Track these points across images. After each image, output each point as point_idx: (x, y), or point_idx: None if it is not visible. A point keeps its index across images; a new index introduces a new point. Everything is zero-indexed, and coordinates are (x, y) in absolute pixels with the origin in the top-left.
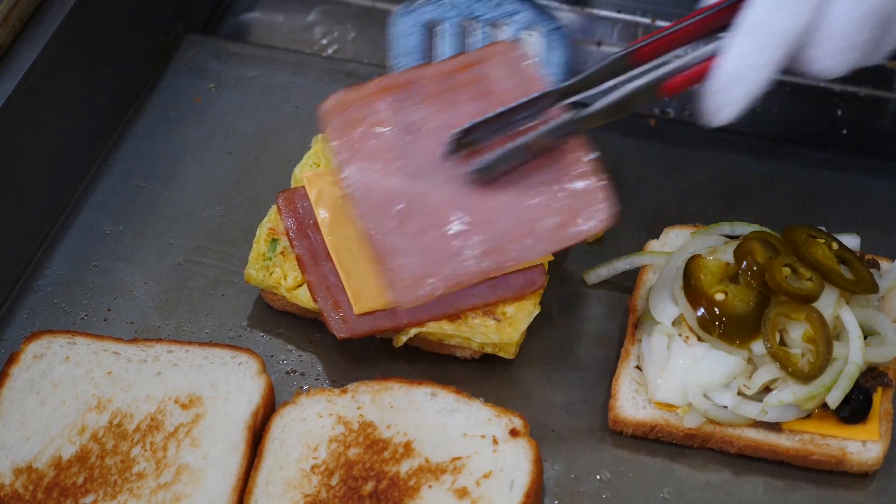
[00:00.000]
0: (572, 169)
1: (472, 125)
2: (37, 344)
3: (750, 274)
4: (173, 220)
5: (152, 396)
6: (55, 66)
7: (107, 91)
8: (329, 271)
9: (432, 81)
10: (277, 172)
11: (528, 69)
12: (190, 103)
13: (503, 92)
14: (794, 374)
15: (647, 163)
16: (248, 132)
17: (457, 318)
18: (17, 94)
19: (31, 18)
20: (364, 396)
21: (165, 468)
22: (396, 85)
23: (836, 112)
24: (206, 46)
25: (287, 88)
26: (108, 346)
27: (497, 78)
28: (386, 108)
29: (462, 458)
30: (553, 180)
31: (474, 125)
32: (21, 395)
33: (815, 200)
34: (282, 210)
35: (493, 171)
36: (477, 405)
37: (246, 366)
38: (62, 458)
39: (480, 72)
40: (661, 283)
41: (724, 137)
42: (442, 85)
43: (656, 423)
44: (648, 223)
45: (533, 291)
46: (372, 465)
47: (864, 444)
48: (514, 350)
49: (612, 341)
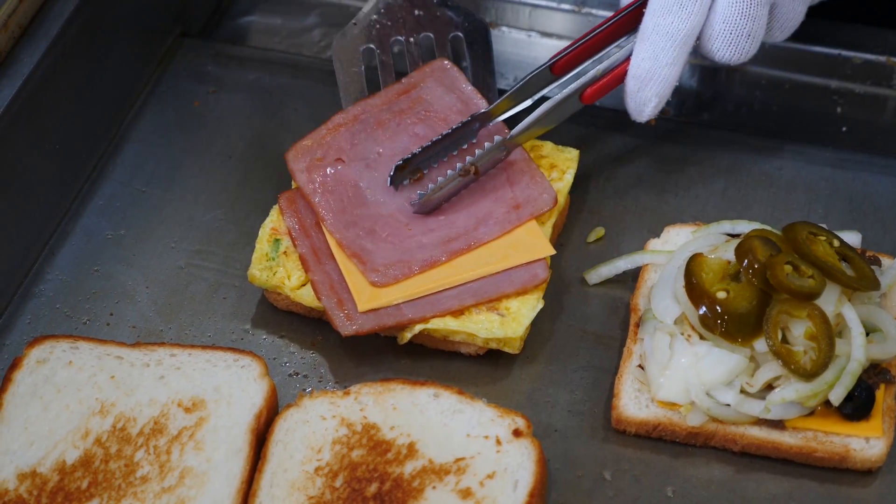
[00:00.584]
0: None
1: (412, 155)
2: (40, 349)
3: (751, 272)
4: (174, 224)
5: (156, 400)
6: (55, 71)
7: (106, 96)
8: (332, 270)
9: (379, 110)
10: (277, 175)
11: (460, 83)
12: (189, 107)
13: (443, 111)
14: (797, 371)
15: (648, 162)
16: (247, 135)
17: (461, 314)
18: (18, 99)
19: (31, 24)
20: (367, 398)
21: (169, 472)
22: (349, 120)
23: (836, 109)
24: (204, 50)
25: (286, 91)
26: (111, 351)
27: (434, 98)
28: (343, 143)
29: (466, 459)
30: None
31: (414, 155)
32: (25, 399)
33: (815, 198)
34: (283, 210)
35: (434, 202)
36: (480, 406)
37: (249, 369)
38: (66, 463)
39: (418, 94)
40: (662, 282)
41: (723, 136)
42: (388, 113)
43: (659, 422)
44: (649, 222)
45: (536, 286)
46: (376, 466)
47: (867, 440)
48: (519, 345)
49: (613, 340)
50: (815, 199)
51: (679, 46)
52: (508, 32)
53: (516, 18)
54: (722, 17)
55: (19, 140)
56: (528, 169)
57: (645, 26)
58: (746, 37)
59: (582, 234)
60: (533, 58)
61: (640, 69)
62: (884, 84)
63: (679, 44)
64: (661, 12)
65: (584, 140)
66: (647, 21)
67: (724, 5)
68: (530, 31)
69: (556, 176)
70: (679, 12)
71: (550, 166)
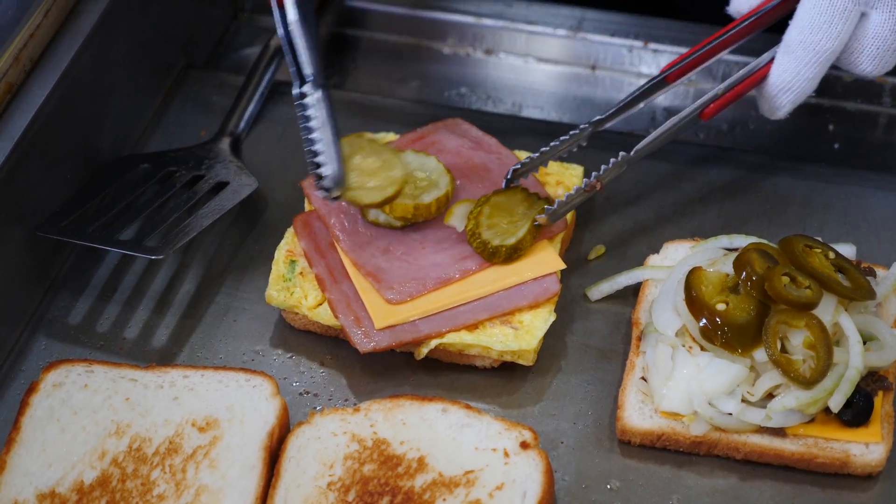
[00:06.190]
0: None
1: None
2: (55, 373)
3: (750, 284)
4: (184, 248)
5: (170, 421)
6: (65, 103)
7: (115, 126)
8: (348, 289)
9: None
10: (285, 200)
11: (472, 131)
12: (195, 137)
13: (455, 147)
14: (796, 379)
15: (646, 180)
16: (253, 162)
17: (475, 328)
18: (31, 130)
19: (42, 57)
20: (377, 414)
21: (185, 490)
22: None
23: (828, 127)
24: (209, 81)
25: (290, 119)
26: (125, 373)
27: (446, 139)
28: None
29: (474, 472)
30: None
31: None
32: (42, 423)
33: (810, 212)
34: (298, 232)
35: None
36: (487, 419)
37: (260, 388)
38: (84, 483)
39: (431, 139)
40: (663, 296)
41: (720, 154)
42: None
43: (663, 432)
44: (648, 239)
45: (548, 299)
46: (387, 480)
47: (866, 446)
48: (533, 357)
49: (616, 354)
50: (809, 213)
51: (822, 63)
52: (506, 58)
53: (513, 44)
54: (874, 33)
55: (32, 169)
56: (536, 188)
57: (790, 39)
58: (893, 52)
59: (583, 251)
60: (530, 83)
61: (781, 80)
62: (874, 101)
63: (823, 61)
64: (809, 28)
65: (583, 160)
66: (792, 34)
67: (876, 22)
68: (527, 57)
69: (561, 192)
70: (828, 30)
71: (556, 183)
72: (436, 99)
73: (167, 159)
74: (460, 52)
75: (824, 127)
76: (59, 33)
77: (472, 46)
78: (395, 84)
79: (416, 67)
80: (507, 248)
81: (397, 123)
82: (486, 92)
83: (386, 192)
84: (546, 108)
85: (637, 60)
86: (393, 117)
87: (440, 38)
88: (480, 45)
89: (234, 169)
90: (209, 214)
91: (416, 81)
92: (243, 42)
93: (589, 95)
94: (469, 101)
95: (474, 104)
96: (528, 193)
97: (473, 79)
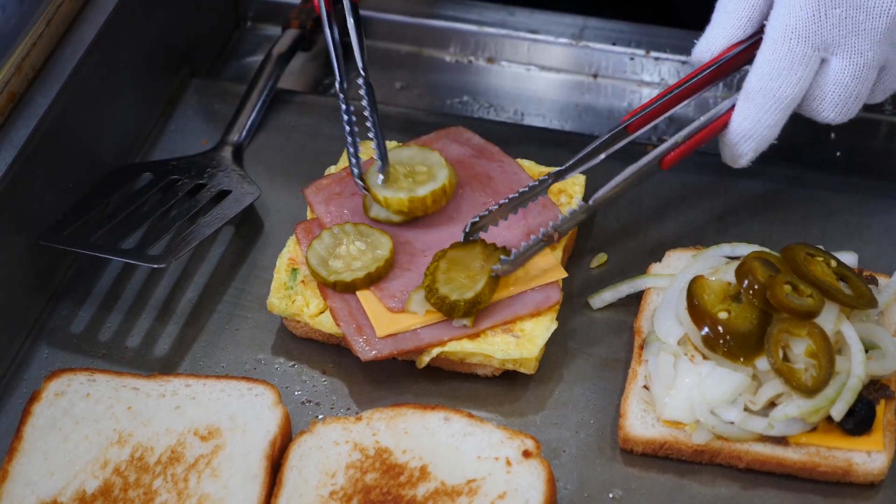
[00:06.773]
0: None
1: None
2: (57, 382)
3: (752, 292)
4: (185, 258)
5: (172, 429)
6: (68, 112)
7: (117, 135)
8: (350, 297)
9: None
10: (285, 209)
11: (474, 139)
12: (197, 145)
13: (457, 156)
14: (799, 388)
15: (648, 189)
16: (254, 171)
17: (477, 336)
18: (33, 139)
19: (44, 66)
20: (379, 423)
21: (187, 499)
22: (365, 163)
23: (830, 135)
24: (211, 89)
25: (292, 128)
26: (128, 382)
27: (448, 147)
28: None
29: (477, 480)
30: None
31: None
32: (44, 432)
33: (812, 221)
34: (300, 240)
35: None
36: (489, 428)
37: (262, 397)
38: (86, 492)
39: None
40: (665, 305)
41: (721, 164)
42: None
43: (665, 441)
44: (650, 247)
45: (549, 307)
46: (389, 489)
47: (868, 454)
48: (534, 365)
49: (618, 363)
50: (811, 222)
51: (783, 110)
52: (508, 66)
53: (515, 53)
54: (834, 80)
55: (34, 179)
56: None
57: (750, 86)
58: (854, 98)
59: (585, 260)
60: (532, 91)
61: (742, 127)
62: (875, 110)
63: (784, 108)
64: (769, 75)
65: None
66: (752, 81)
67: (837, 68)
68: (529, 66)
69: (564, 201)
70: (788, 77)
71: (559, 191)
72: (438, 107)
73: (169, 168)
74: (463, 60)
75: (826, 135)
76: (61, 42)
77: (474, 55)
78: (398, 92)
79: (418, 76)
80: (466, 303)
81: (400, 131)
82: (489, 100)
83: (370, 269)
84: (548, 117)
85: (639, 68)
86: (395, 125)
87: (443, 46)
88: (483, 54)
89: (237, 177)
90: (211, 223)
91: (419, 90)
92: (245, 51)
93: (591, 103)
94: (471, 110)
95: (476, 112)
96: (485, 245)
97: (476, 87)
